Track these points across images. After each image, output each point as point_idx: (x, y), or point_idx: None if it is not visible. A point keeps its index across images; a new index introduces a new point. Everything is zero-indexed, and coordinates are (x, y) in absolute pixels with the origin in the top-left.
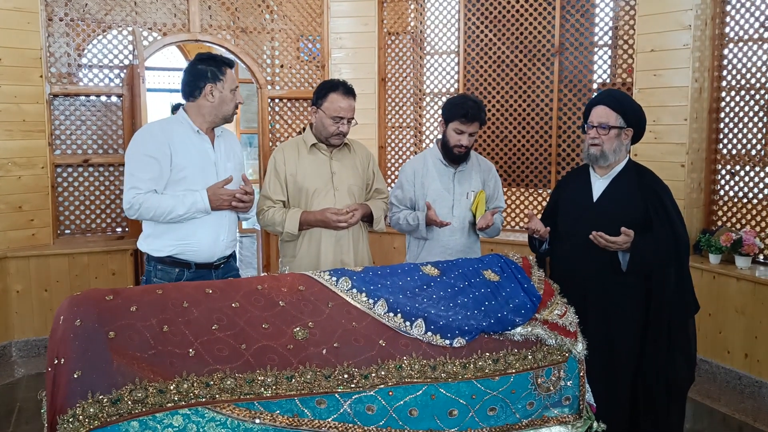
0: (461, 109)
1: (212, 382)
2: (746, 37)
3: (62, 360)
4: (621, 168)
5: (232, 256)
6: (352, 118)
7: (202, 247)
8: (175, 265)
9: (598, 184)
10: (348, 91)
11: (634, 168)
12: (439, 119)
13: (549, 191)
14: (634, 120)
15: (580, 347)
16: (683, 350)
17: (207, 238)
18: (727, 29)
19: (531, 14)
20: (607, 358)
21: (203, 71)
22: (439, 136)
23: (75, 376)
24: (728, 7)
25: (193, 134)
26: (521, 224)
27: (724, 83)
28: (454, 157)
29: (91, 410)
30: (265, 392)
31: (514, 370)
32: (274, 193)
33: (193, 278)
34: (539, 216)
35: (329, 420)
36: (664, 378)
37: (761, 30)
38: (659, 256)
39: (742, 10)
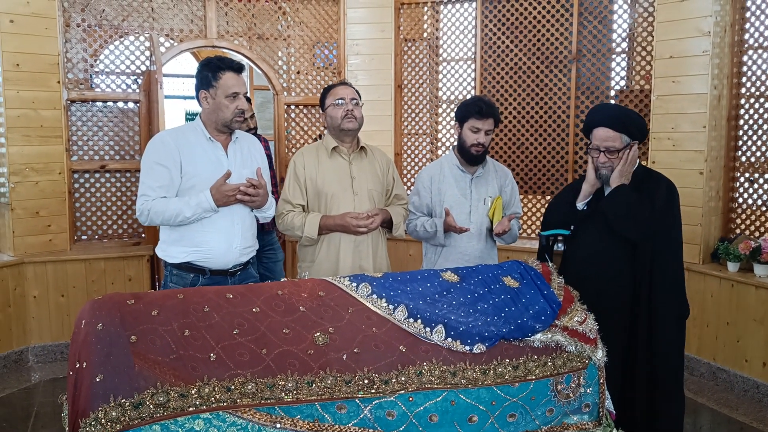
0: (475, 106)
1: (233, 387)
2: (766, 44)
3: (84, 364)
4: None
5: (251, 263)
6: (357, 102)
7: (215, 254)
8: (190, 270)
9: (607, 190)
10: (344, 83)
11: (642, 174)
12: (454, 123)
13: None
14: (637, 132)
15: (600, 354)
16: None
17: (220, 245)
18: (747, 36)
19: (548, 21)
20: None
21: (199, 77)
22: (455, 143)
23: (97, 379)
24: (748, 14)
25: (205, 141)
26: (537, 231)
27: (743, 90)
28: (472, 157)
29: (113, 414)
30: (285, 397)
31: (533, 377)
32: (294, 197)
33: (208, 284)
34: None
35: (350, 425)
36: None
37: None
38: (634, 211)
39: (762, 17)
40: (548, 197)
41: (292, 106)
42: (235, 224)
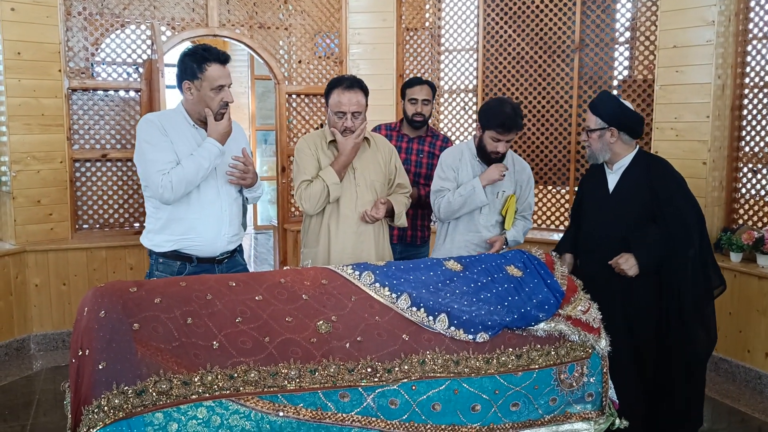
0: (497, 119)
1: (236, 375)
2: None
3: (87, 351)
4: (629, 161)
5: (238, 251)
6: (359, 113)
7: (203, 241)
8: (176, 258)
9: (612, 177)
10: (351, 85)
11: (644, 160)
12: (476, 122)
13: (568, 189)
14: (612, 120)
15: (603, 343)
16: (702, 323)
17: (208, 233)
18: (751, 25)
19: (551, 10)
20: (630, 350)
21: (184, 66)
22: (475, 134)
23: (100, 367)
24: (752, 3)
25: (189, 127)
26: (539, 221)
27: (747, 80)
28: (491, 160)
29: (116, 401)
30: (288, 385)
31: (537, 366)
32: (310, 172)
33: (195, 272)
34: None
35: (352, 413)
36: (682, 351)
37: None
38: (666, 247)
39: (767, 6)
40: (550, 187)
41: (294, 96)
42: (224, 211)
